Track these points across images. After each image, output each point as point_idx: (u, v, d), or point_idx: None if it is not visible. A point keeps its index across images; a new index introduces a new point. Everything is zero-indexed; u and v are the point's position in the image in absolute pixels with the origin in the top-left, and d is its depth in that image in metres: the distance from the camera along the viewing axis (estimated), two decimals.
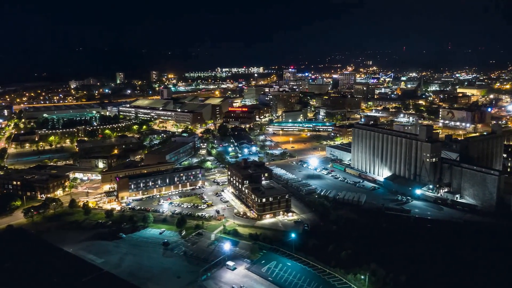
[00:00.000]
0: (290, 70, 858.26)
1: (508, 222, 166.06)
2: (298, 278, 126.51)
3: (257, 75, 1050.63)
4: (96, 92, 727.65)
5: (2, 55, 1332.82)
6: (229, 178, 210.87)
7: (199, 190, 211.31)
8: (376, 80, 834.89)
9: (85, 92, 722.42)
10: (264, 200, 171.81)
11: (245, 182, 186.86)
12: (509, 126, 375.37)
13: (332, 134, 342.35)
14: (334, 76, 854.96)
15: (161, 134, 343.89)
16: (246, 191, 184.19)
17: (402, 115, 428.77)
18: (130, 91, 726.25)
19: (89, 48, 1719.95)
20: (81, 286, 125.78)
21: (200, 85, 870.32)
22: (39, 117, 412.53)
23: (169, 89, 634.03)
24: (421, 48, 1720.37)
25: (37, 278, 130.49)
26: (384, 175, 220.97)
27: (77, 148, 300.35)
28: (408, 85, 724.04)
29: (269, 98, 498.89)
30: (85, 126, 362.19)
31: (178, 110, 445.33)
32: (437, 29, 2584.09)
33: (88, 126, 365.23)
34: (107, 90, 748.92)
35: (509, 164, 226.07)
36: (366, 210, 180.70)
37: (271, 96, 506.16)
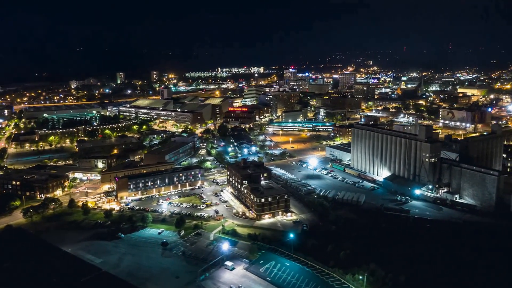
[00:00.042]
0: (291, 70, 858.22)
1: (508, 222, 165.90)
2: (297, 278, 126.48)
3: (258, 75, 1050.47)
4: (97, 92, 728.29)
5: (3, 55, 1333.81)
6: (228, 178, 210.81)
7: (198, 190, 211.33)
8: (377, 80, 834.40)
9: (86, 92, 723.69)
10: (263, 200, 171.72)
11: (244, 182, 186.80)
12: (510, 126, 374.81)
13: (332, 134, 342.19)
14: (335, 76, 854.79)
15: (161, 134, 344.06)
16: (245, 191, 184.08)
17: (402, 115, 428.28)
18: (131, 91, 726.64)
19: (90, 48, 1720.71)
20: (80, 286, 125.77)
21: (201, 85, 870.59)
22: (39, 117, 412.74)
23: (169, 89, 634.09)
24: (422, 48, 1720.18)
25: (36, 278, 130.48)
26: (384, 175, 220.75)
27: (77, 148, 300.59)
28: (409, 85, 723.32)
29: (269, 98, 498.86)
30: (85, 126, 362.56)
31: (178, 110, 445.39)
32: (438, 29, 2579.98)
33: (88, 126, 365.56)
34: (108, 90, 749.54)
35: (509, 164, 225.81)
36: (365, 210, 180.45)
37: (271, 96, 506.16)
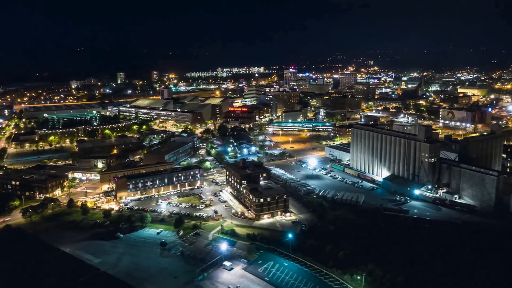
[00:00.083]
0: (291, 70, 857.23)
1: (507, 223, 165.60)
2: (295, 279, 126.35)
3: (258, 75, 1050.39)
4: (97, 92, 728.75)
5: (3, 55, 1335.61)
6: (228, 178, 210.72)
7: (198, 190, 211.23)
8: (377, 80, 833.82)
9: (86, 92, 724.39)
10: (262, 200, 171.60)
11: (243, 182, 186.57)
12: (510, 126, 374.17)
13: (332, 134, 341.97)
14: (335, 76, 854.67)
15: (161, 134, 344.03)
16: (244, 191, 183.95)
17: (402, 115, 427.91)
18: (131, 91, 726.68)
19: (90, 48, 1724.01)
20: (78, 286, 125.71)
21: (201, 85, 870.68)
22: (39, 117, 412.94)
23: (170, 89, 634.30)
24: (423, 48, 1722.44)
25: (34, 278, 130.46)
26: (383, 175, 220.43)
27: (77, 148, 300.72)
28: (409, 85, 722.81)
29: (269, 98, 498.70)
30: (85, 126, 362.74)
31: (178, 110, 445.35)
32: (439, 29, 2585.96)
33: (88, 126, 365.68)
34: (108, 90, 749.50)
35: (509, 165, 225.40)
36: (365, 211, 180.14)
37: (271, 96, 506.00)
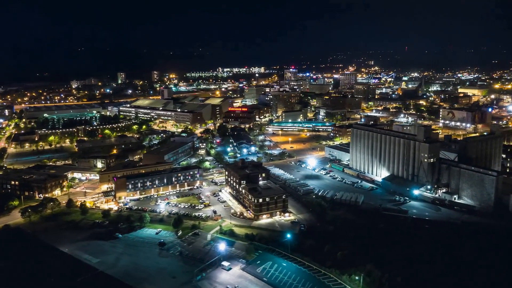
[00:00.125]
0: (291, 70, 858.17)
1: (506, 223, 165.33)
2: (293, 279, 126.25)
3: (258, 75, 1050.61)
4: (97, 92, 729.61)
5: (4, 55, 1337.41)
6: (227, 178, 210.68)
7: (197, 190, 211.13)
8: (378, 80, 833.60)
9: (86, 92, 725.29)
10: (261, 200, 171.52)
11: (242, 182, 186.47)
12: (510, 127, 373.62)
13: (332, 134, 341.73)
14: (335, 76, 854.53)
15: (161, 134, 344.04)
16: (243, 191, 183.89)
17: (403, 115, 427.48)
18: (131, 91, 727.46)
19: (91, 48, 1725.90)
20: (76, 286, 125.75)
21: (201, 85, 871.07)
22: (40, 117, 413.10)
23: (170, 89, 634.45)
24: (423, 48, 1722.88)
25: (32, 278, 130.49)
26: (383, 176, 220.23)
27: (77, 148, 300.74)
28: (409, 85, 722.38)
29: (269, 98, 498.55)
30: (85, 126, 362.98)
31: (178, 110, 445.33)
32: (439, 29, 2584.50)
33: (88, 126, 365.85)
34: (108, 90, 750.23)
35: (508, 165, 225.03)
36: (364, 211, 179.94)
37: (271, 96, 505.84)
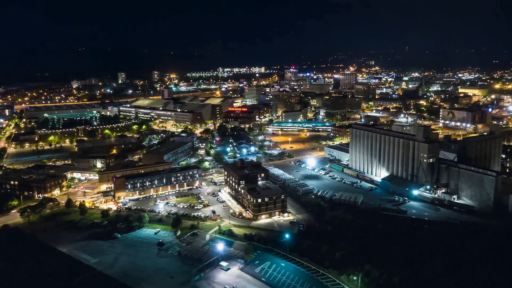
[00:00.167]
0: (292, 70, 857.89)
1: (505, 223, 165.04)
2: (291, 279, 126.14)
3: (259, 75, 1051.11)
4: (98, 92, 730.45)
5: (4, 55, 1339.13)
6: (226, 179, 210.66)
7: (196, 190, 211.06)
8: (378, 80, 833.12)
9: (87, 92, 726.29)
10: (260, 201, 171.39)
11: (241, 183, 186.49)
12: (510, 127, 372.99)
13: (332, 134, 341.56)
14: (336, 76, 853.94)
15: (161, 134, 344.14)
16: (242, 191, 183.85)
17: (403, 115, 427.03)
18: (132, 91, 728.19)
19: (91, 48, 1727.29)
20: (73, 286, 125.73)
21: (202, 85, 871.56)
22: (40, 117, 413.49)
23: (170, 89, 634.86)
24: (424, 48, 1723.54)
25: (30, 278, 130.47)
26: (382, 176, 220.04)
27: (76, 148, 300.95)
28: (410, 85, 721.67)
29: (269, 98, 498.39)
30: (85, 126, 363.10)
31: (178, 110, 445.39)
32: (440, 29, 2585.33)
33: (88, 126, 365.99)
34: (109, 90, 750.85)
35: (508, 165, 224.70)
36: (363, 211, 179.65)
37: (271, 96, 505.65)
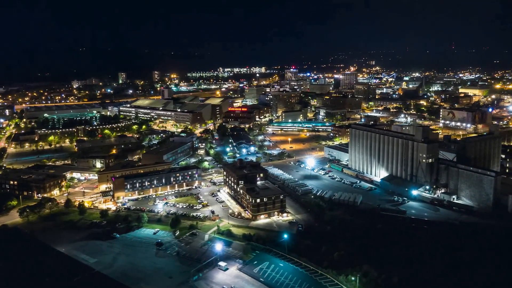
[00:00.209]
0: (292, 70, 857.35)
1: (505, 223, 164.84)
2: (290, 279, 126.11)
3: (259, 75, 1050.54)
4: (98, 92, 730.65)
5: (5, 55, 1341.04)
6: (225, 179, 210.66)
7: (195, 190, 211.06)
8: (379, 80, 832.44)
9: (87, 92, 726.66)
10: (259, 201, 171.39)
11: (240, 183, 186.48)
12: (510, 127, 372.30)
13: (331, 135, 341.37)
14: (336, 76, 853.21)
15: (160, 134, 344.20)
16: (241, 192, 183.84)
17: (403, 115, 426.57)
18: (132, 91, 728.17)
19: (92, 48, 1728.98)
20: (71, 287, 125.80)
21: (202, 85, 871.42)
22: (40, 117, 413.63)
23: (170, 89, 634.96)
24: (425, 48, 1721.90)
25: (28, 278, 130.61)
26: (381, 176, 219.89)
27: (76, 148, 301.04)
28: (410, 85, 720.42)
29: (269, 98, 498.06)
30: (85, 126, 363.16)
31: (178, 110, 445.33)
32: (441, 29, 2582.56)
33: (88, 126, 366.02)
34: (109, 90, 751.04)
35: (508, 165, 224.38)
36: (362, 211, 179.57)
37: (271, 96, 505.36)
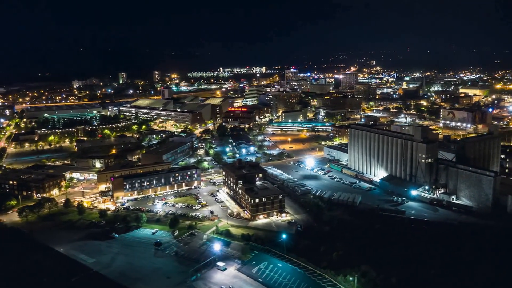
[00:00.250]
0: (292, 70, 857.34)
1: (504, 224, 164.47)
2: (288, 279, 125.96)
3: (260, 75, 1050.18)
4: (99, 92, 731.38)
5: (5, 55, 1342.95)
6: (224, 179, 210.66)
7: (195, 190, 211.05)
8: (379, 80, 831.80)
9: (88, 92, 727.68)
10: (257, 201, 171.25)
11: (239, 183, 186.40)
12: (511, 127, 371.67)
13: (331, 135, 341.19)
14: (336, 76, 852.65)
15: (160, 134, 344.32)
16: (240, 192, 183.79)
17: (403, 116, 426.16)
18: (132, 91, 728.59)
19: (92, 48, 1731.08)
20: (69, 286, 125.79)
21: (203, 85, 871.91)
22: (40, 117, 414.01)
23: (170, 89, 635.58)
24: (425, 48, 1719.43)
25: (26, 278, 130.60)
26: (381, 176, 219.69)
27: (76, 148, 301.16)
28: (411, 85, 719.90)
29: (270, 98, 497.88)
30: (85, 126, 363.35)
31: (178, 110, 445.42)
32: (442, 29, 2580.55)
33: (88, 126, 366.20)
34: (109, 90, 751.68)
35: (507, 165, 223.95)
36: (361, 211, 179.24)
37: (272, 96, 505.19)
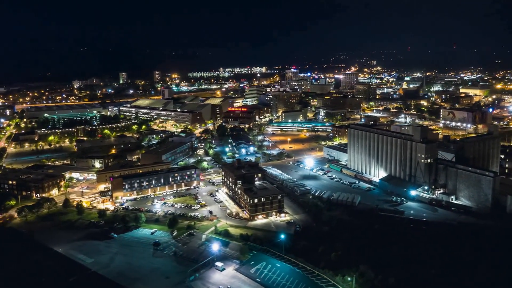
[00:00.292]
0: (293, 70, 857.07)
1: (503, 224, 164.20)
2: (286, 279, 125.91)
3: (260, 75, 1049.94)
4: (99, 92, 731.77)
5: (5, 55, 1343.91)
6: (223, 179, 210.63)
7: (194, 190, 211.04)
8: (379, 80, 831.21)
9: (88, 92, 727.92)
10: (256, 201, 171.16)
11: (238, 183, 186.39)
12: (511, 127, 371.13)
13: (331, 135, 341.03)
14: (337, 76, 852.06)
15: (160, 134, 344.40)
16: (239, 192, 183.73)
17: (403, 116, 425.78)
18: (133, 91, 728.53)
19: (93, 48, 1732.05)
20: (67, 286, 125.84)
21: (203, 85, 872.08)
22: (40, 117, 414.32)
23: (170, 89, 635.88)
24: (426, 48, 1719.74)
25: (25, 278, 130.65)
26: (380, 176, 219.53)
27: (76, 148, 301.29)
28: (411, 85, 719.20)
29: (270, 98, 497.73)
30: (85, 126, 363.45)
31: (178, 110, 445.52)
32: (442, 29, 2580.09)
33: (88, 126, 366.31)
34: (110, 90, 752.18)
35: (507, 165, 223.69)
36: (360, 211, 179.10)
37: (272, 96, 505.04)
